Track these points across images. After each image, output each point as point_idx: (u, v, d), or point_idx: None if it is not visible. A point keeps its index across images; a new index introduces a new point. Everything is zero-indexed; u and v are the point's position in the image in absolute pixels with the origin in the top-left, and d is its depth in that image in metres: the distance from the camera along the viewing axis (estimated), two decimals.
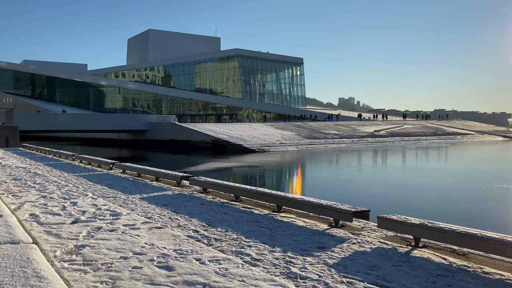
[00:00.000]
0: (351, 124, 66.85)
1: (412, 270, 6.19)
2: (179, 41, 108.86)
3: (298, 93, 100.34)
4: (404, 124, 76.34)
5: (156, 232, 8.20)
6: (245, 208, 10.92)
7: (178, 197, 12.68)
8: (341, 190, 19.05)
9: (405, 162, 35.35)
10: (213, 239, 7.95)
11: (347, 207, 8.90)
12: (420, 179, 23.75)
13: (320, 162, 35.63)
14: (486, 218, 12.78)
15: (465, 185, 20.82)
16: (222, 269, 5.91)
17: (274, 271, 6.11)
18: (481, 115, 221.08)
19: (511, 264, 6.40)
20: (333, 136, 55.17)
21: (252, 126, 54.97)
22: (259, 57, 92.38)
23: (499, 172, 26.67)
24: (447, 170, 29.02)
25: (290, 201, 10.31)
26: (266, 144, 44.55)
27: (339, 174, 26.72)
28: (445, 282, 5.72)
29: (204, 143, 44.50)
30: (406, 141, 59.32)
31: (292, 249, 7.25)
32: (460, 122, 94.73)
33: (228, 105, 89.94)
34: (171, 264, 6.14)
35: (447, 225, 7.11)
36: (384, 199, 16.31)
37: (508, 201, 16.05)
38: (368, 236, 8.13)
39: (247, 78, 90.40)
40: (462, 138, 70.35)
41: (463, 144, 59.14)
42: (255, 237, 8.05)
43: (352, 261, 6.62)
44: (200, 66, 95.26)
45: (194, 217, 9.83)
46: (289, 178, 25.78)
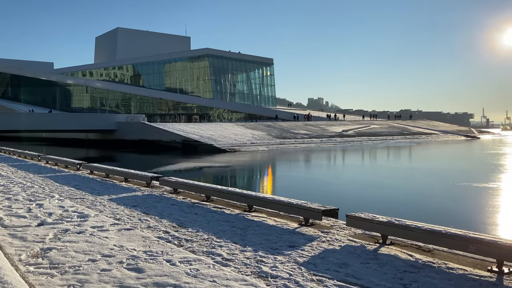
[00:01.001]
0: (320, 124, 67.61)
1: (380, 267, 6.33)
2: (148, 40, 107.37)
3: (268, 93, 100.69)
4: (371, 124, 77.79)
5: (126, 233, 8.10)
6: (216, 208, 10.90)
7: (148, 198, 12.54)
8: (311, 189, 19.26)
9: (373, 161, 36.04)
10: (183, 240, 7.91)
11: (317, 205, 9.01)
12: (388, 178, 24.26)
13: (290, 161, 35.91)
14: (450, 215, 13.19)
15: (431, 184, 21.40)
16: (193, 270, 5.89)
17: (245, 271, 6.13)
18: (445, 115, 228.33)
19: (474, 260, 6.63)
20: (303, 136, 55.67)
21: (223, 126, 54.85)
22: (229, 57, 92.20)
23: (462, 171, 27.55)
24: (413, 169, 29.76)
25: (261, 200, 10.37)
26: (237, 144, 44.54)
27: (309, 174, 26.99)
28: (412, 278, 5.88)
29: (175, 143, 44.10)
30: (373, 141, 60.51)
31: (263, 248, 7.29)
32: (425, 122, 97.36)
33: (198, 104, 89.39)
34: (141, 266, 6.08)
35: (413, 222, 7.30)
36: (352, 197, 16.58)
37: (471, 198, 16.60)
38: (337, 234, 8.26)
39: (218, 78, 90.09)
40: (427, 137, 72.27)
41: (428, 144, 60.77)
42: (226, 237, 8.06)
43: (322, 259, 6.71)
44: (170, 65, 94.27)
45: (164, 218, 9.75)
46: (260, 178, 25.87)
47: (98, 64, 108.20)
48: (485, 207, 14.60)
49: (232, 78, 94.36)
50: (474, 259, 6.63)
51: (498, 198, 16.56)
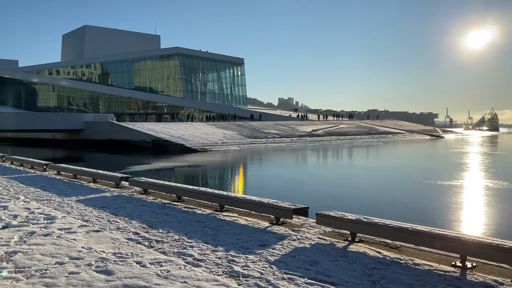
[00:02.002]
0: (290, 124, 68.09)
1: (349, 264, 6.45)
2: (117, 38, 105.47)
3: (239, 93, 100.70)
4: (340, 123, 78.96)
5: (94, 235, 7.96)
6: (187, 209, 10.84)
7: (117, 199, 12.36)
8: (282, 188, 19.39)
9: (342, 160, 36.58)
10: (154, 241, 7.84)
11: (288, 204, 9.10)
12: (357, 177, 24.68)
13: (262, 161, 36.04)
14: (416, 212, 13.54)
15: (398, 182, 21.90)
16: (163, 271, 5.85)
17: (217, 271, 6.13)
18: (410, 115, 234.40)
19: (439, 255, 6.84)
20: (274, 136, 55.95)
21: (194, 126, 54.51)
22: (200, 56, 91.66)
23: (428, 169, 28.30)
24: (381, 167, 30.37)
25: (233, 200, 10.38)
26: (208, 143, 44.37)
27: (279, 173, 27.16)
28: (380, 275, 6.01)
29: (145, 143, 43.55)
30: (342, 140, 61.50)
31: (234, 247, 7.31)
32: (392, 122, 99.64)
33: (169, 104, 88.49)
34: (110, 268, 6.00)
35: (381, 220, 7.46)
36: (323, 196, 16.79)
37: (435, 195, 17.08)
38: (308, 232, 8.36)
39: (188, 77, 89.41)
40: (394, 137, 73.99)
41: (395, 143, 62.17)
42: (198, 237, 8.03)
43: (292, 257, 6.78)
44: (139, 64, 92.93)
45: (134, 219, 9.63)
46: (232, 177, 25.86)
47: (65, 62, 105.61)
48: (449, 204, 15.06)
49: (203, 78, 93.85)
50: (439, 255, 6.84)
51: (461, 195, 17.11)
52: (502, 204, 14.96)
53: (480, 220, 12.67)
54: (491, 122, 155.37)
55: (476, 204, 15.40)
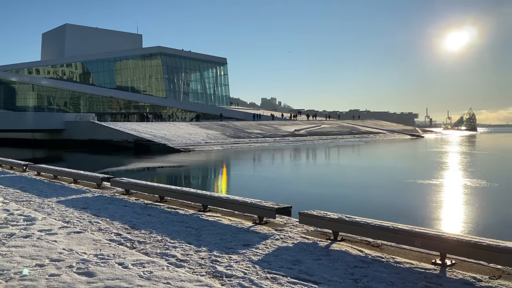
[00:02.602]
0: (273, 124, 68.26)
1: (331, 263, 6.50)
2: (98, 37, 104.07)
3: (222, 92, 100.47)
4: (322, 123, 79.51)
5: (75, 237, 7.86)
6: (170, 209, 10.79)
7: (99, 200, 12.23)
8: (265, 188, 19.43)
9: (325, 160, 36.81)
10: (136, 242, 7.78)
11: (271, 204, 9.13)
12: (339, 176, 24.88)
13: (245, 161, 36.05)
14: (398, 211, 13.71)
15: (379, 181, 22.13)
16: (146, 273, 5.81)
17: (200, 271, 6.13)
18: (391, 115, 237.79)
19: (419, 253, 6.95)
20: (257, 136, 56.01)
21: (177, 125, 54.20)
22: (182, 56, 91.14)
23: (408, 168, 28.68)
24: (363, 166, 30.67)
25: (216, 200, 10.37)
26: (191, 143, 44.17)
27: (263, 173, 27.20)
28: (362, 273, 6.08)
29: (127, 143, 43.11)
30: (324, 140, 61.95)
31: (218, 248, 7.30)
32: (373, 122, 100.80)
33: (151, 103, 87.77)
34: (92, 270, 5.93)
35: (363, 219, 7.55)
36: (306, 195, 16.88)
37: (416, 194, 17.32)
38: (291, 232, 8.41)
39: (171, 77, 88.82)
40: (375, 136, 74.85)
41: (376, 142, 62.88)
42: (181, 237, 8.00)
43: (275, 256, 6.81)
44: (121, 63, 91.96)
45: (116, 220, 9.55)
46: (215, 177, 25.80)
47: (45, 62, 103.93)
48: (429, 202, 15.29)
49: (186, 77, 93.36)
50: (420, 253, 6.95)
51: (441, 194, 17.39)
52: (480, 202, 15.26)
53: (459, 218, 12.90)
54: (469, 122, 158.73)
55: (455, 203, 15.68)
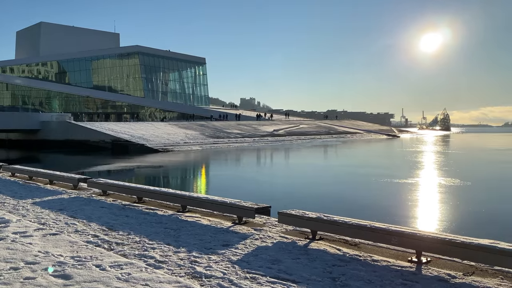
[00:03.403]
0: (252, 124, 68.33)
1: (310, 262, 6.56)
2: (74, 35, 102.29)
3: (201, 92, 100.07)
4: (300, 124, 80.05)
5: (51, 239, 7.73)
6: (148, 210, 10.70)
7: (75, 201, 12.04)
8: (244, 188, 19.45)
9: (304, 160, 37.04)
10: (114, 243, 7.70)
11: (250, 204, 9.15)
12: (318, 175, 25.06)
13: (224, 161, 35.99)
14: (375, 209, 13.91)
15: (358, 180, 22.41)
16: (124, 274, 5.76)
17: (179, 272, 6.10)
18: (368, 115, 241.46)
19: (396, 251, 7.08)
20: (236, 136, 55.98)
21: (155, 125, 53.73)
22: (161, 55, 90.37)
23: (384, 168, 29.09)
24: (341, 166, 30.99)
25: (195, 200, 10.33)
26: (169, 143, 43.85)
27: (242, 173, 27.21)
28: (340, 272, 6.16)
29: (104, 143, 42.52)
30: (303, 140, 62.41)
31: (197, 248, 7.28)
32: (350, 122, 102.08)
33: (129, 103, 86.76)
34: (68, 272, 5.84)
35: (341, 218, 7.64)
36: (285, 195, 16.96)
37: (393, 193, 17.59)
38: (270, 231, 8.44)
39: (149, 76, 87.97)
40: (352, 136, 75.83)
41: (353, 142, 63.67)
42: (159, 238, 7.95)
43: (255, 256, 6.83)
44: (98, 62, 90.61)
45: (93, 221, 9.42)
46: (194, 178, 25.68)
47: (20, 60, 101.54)
48: (405, 201, 15.56)
49: (164, 77, 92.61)
50: (397, 251, 7.07)
51: (417, 193, 17.71)
52: (454, 200, 15.60)
53: (435, 217, 13.16)
54: (443, 122, 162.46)
55: (431, 201, 15.99)
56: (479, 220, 12.63)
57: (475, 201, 15.73)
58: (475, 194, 17.38)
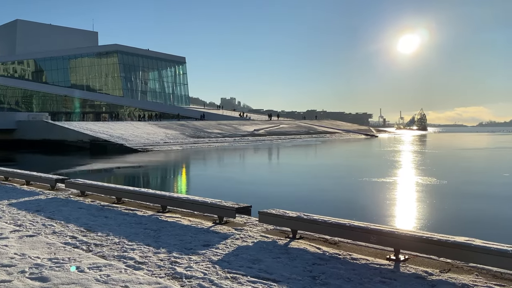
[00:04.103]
0: (233, 124, 68.29)
1: (290, 261, 6.60)
2: (52, 33, 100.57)
3: (181, 92, 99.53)
4: (281, 123, 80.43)
5: (28, 241, 7.59)
6: (127, 210, 10.60)
7: (53, 202, 11.84)
8: (225, 187, 19.42)
9: (284, 160, 37.20)
10: (93, 244, 7.60)
11: (231, 204, 9.15)
12: (298, 175, 25.20)
13: (205, 160, 35.86)
14: (354, 208, 14.07)
15: (337, 179, 22.62)
16: (103, 276, 5.70)
17: (159, 273, 6.06)
18: (347, 115, 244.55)
19: (374, 249, 7.17)
20: (217, 135, 55.85)
21: (134, 125, 53.19)
22: (140, 54, 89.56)
23: (363, 167, 29.45)
24: (321, 165, 31.23)
25: (175, 200, 10.28)
26: (149, 143, 43.47)
27: (223, 172, 27.18)
28: (320, 270, 6.21)
29: (82, 143, 41.93)
30: (283, 139, 62.71)
31: (177, 249, 7.25)
32: (329, 122, 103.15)
33: (107, 102, 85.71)
34: (46, 274, 5.75)
35: (320, 217, 7.70)
36: (266, 194, 17.00)
37: (371, 192, 17.82)
38: (250, 231, 8.46)
39: (128, 75, 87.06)
40: (331, 136, 76.62)
41: (332, 142, 64.28)
42: (139, 239, 7.89)
43: (235, 256, 6.84)
44: (76, 61, 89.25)
45: (71, 223, 9.28)
46: (174, 178, 25.52)
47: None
48: (383, 199, 15.77)
49: (143, 76, 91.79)
50: (375, 249, 7.17)
51: (395, 192, 17.97)
52: (431, 199, 15.88)
53: (412, 215, 13.38)
54: (420, 122, 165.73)
55: (409, 200, 16.24)
56: (455, 218, 12.89)
57: (451, 199, 16.04)
58: (451, 192, 17.72)
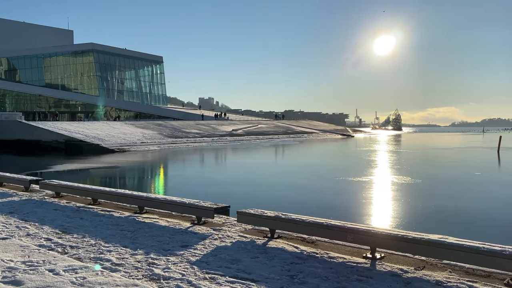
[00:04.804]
0: (211, 124, 68.11)
1: (269, 261, 6.63)
2: (25, 32, 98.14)
3: (158, 91, 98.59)
4: (259, 123, 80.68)
5: (1, 243, 7.44)
6: (104, 212, 10.47)
7: (27, 203, 11.60)
8: (203, 188, 19.35)
9: (262, 159, 37.29)
10: (68, 246, 7.48)
11: (209, 204, 9.13)
12: (276, 175, 25.30)
13: (183, 161, 35.65)
14: (332, 207, 14.22)
15: (315, 179, 22.79)
16: (79, 279, 5.62)
17: (137, 275, 6.01)
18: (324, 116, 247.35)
19: (351, 248, 7.27)
20: (195, 135, 55.59)
21: (111, 125, 52.46)
22: (116, 53, 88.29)
23: (340, 166, 29.78)
24: (299, 165, 31.42)
25: (153, 201, 10.20)
26: (126, 143, 42.96)
27: (201, 173, 27.07)
28: (298, 269, 6.26)
29: (57, 143, 41.16)
30: (261, 139, 62.91)
31: (155, 250, 7.20)
32: (307, 122, 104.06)
33: (83, 102, 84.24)
34: (20, 278, 5.64)
35: (298, 216, 7.76)
36: (244, 194, 17.02)
37: (348, 191, 18.04)
38: (229, 231, 8.47)
39: (104, 74, 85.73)
40: (309, 136, 77.33)
41: (310, 142, 64.82)
42: (116, 241, 7.80)
43: (214, 256, 6.83)
44: (50, 59, 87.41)
45: (46, 224, 9.12)
46: (151, 178, 25.29)
47: None
48: (360, 198, 15.98)
49: (120, 75, 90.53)
50: (352, 248, 7.27)
51: (371, 191, 18.22)
52: (406, 198, 16.17)
53: (388, 213, 13.60)
54: (395, 122, 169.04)
55: (384, 199, 16.49)
56: (429, 216, 13.15)
57: (425, 198, 16.35)
58: (425, 191, 18.07)
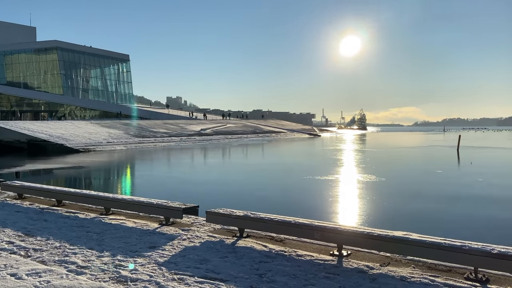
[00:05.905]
0: (179, 123, 67.55)
1: (237, 260, 6.66)
2: None
3: (125, 90, 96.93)
4: (227, 123, 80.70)
5: None
6: (69, 213, 10.23)
7: None
8: (171, 188, 19.17)
9: (231, 159, 37.27)
10: (31, 249, 7.28)
11: (177, 204, 9.08)
12: (245, 174, 25.35)
13: (150, 160, 35.20)
14: (300, 205, 14.37)
15: (283, 178, 22.97)
16: (43, 282, 5.49)
17: (103, 277, 5.92)
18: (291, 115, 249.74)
19: (319, 246, 7.39)
20: (162, 135, 54.96)
21: (75, 124, 51.23)
22: (81, 51, 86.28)
23: (307, 165, 30.11)
24: (267, 164, 31.57)
25: (119, 202, 10.05)
26: (91, 143, 42.05)
27: (169, 172, 26.81)
28: (266, 268, 6.31)
29: (19, 143, 39.87)
30: (230, 139, 62.93)
31: (122, 252, 7.10)
32: (275, 122, 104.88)
33: (47, 101, 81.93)
34: None
35: (267, 215, 7.82)
36: (213, 194, 16.97)
37: (315, 189, 18.27)
38: (198, 231, 8.44)
39: (68, 73, 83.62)
40: (277, 135, 77.98)
41: (278, 141, 65.30)
42: (81, 243, 7.64)
43: (182, 257, 6.80)
44: (12, 57, 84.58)
45: (7, 227, 8.84)
46: (118, 178, 24.85)
47: None
48: (326, 197, 16.22)
49: (85, 73, 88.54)
50: (319, 245, 7.39)
51: (337, 189, 18.52)
52: (371, 195, 16.52)
53: (354, 211, 13.86)
54: (360, 122, 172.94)
55: (350, 197, 16.79)
56: (393, 213, 13.48)
57: (389, 195, 16.75)
58: (389, 189, 18.51)
